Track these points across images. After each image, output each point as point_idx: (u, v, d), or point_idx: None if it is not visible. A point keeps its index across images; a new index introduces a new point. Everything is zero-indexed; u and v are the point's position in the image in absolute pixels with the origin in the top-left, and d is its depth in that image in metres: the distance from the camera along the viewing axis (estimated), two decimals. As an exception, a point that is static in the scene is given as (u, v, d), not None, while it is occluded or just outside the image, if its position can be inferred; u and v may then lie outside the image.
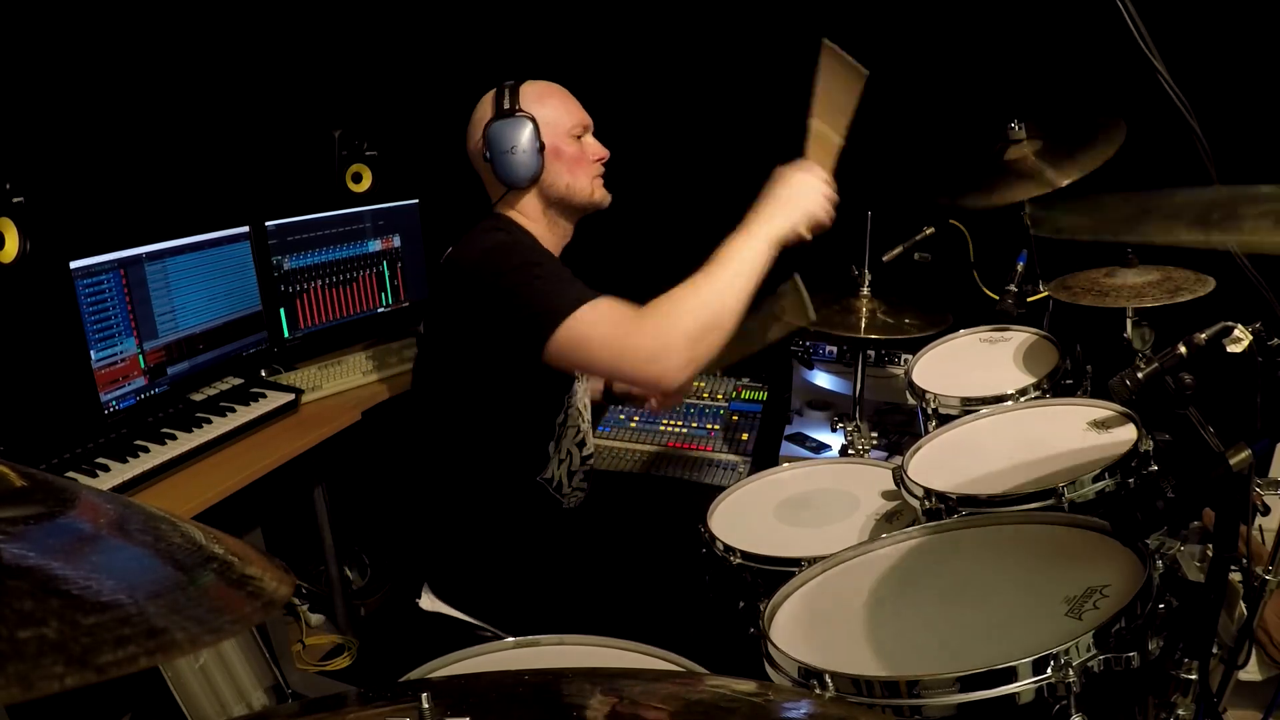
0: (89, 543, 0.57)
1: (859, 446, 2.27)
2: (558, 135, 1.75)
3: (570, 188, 1.77)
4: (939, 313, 2.35)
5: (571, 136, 1.77)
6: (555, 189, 1.77)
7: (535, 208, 1.79)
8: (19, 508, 0.55)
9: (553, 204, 1.79)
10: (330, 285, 2.72)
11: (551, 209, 1.80)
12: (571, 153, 1.76)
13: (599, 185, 1.81)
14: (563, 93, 1.80)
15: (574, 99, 1.81)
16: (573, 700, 0.78)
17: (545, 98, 1.76)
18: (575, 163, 1.77)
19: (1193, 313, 1.54)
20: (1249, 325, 1.18)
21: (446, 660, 1.20)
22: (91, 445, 1.96)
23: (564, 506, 1.86)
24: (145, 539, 0.60)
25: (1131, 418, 1.60)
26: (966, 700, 1.02)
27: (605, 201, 1.83)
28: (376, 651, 2.78)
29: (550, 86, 1.80)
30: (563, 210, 1.81)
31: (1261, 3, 2.09)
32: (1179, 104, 1.61)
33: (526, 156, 1.71)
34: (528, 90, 1.76)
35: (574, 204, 1.79)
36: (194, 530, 0.63)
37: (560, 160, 1.75)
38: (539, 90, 1.77)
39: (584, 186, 1.78)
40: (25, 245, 1.96)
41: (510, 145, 1.71)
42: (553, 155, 1.74)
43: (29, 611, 0.46)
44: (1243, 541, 1.27)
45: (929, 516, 1.51)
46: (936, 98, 2.57)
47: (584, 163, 1.78)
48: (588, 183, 1.79)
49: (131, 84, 2.41)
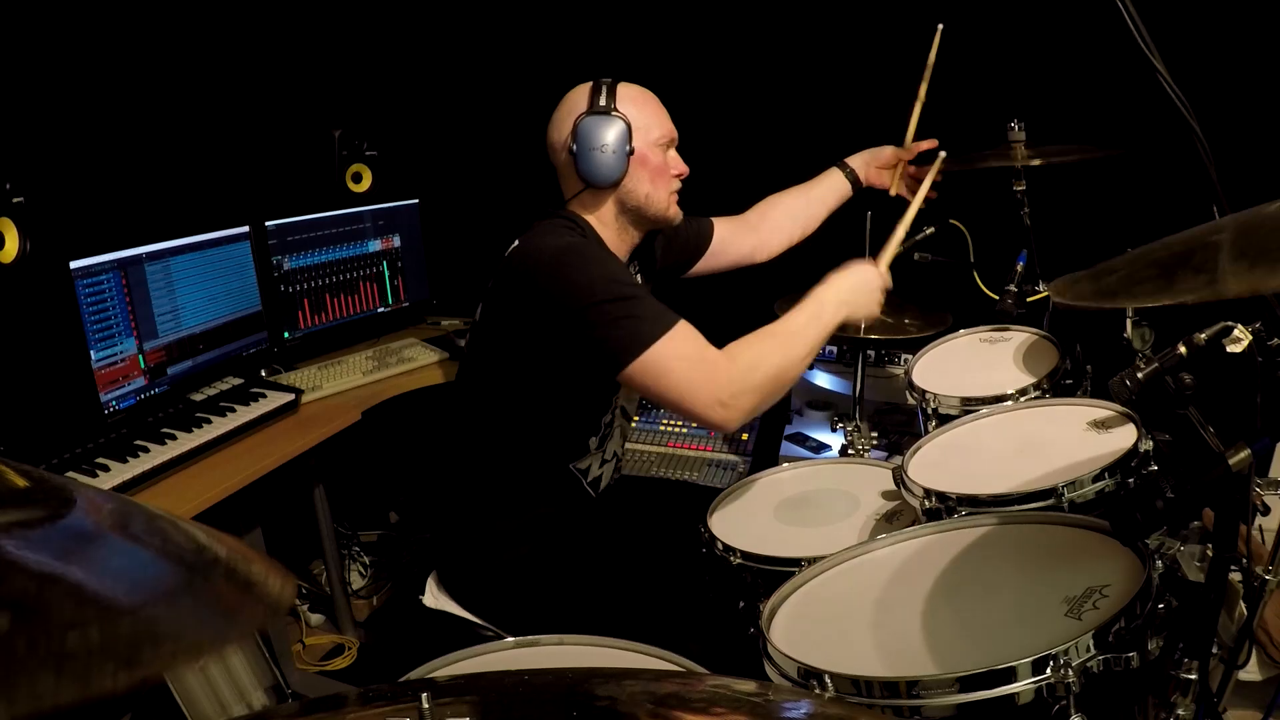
0: (98, 545, 0.57)
1: (859, 446, 2.27)
2: (647, 142, 1.71)
3: (649, 198, 1.74)
4: (939, 313, 2.35)
5: (659, 146, 1.73)
6: (634, 196, 1.73)
7: (610, 211, 1.76)
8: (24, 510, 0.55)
9: (627, 210, 1.75)
10: (330, 285, 2.72)
11: (625, 215, 1.76)
12: (657, 162, 1.73)
13: (674, 201, 1.78)
14: (656, 101, 1.77)
15: (665, 110, 1.78)
16: (573, 700, 0.78)
17: (641, 102, 1.73)
18: (658, 173, 1.74)
19: (1193, 313, 1.54)
20: (1249, 325, 1.17)
21: (447, 660, 1.20)
22: (91, 445, 1.96)
23: (592, 497, 1.85)
24: (152, 540, 0.61)
25: (1131, 418, 1.59)
26: (966, 700, 1.02)
27: (677, 218, 1.80)
28: (377, 651, 2.78)
29: (645, 92, 1.76)
30: (635, 219, 1.77)
31: (1262, 3, 2.09)
32: (1179, 104, 1.61)
33: (614, 158, 1.67)
34: (624, 91, 1.72)
35: (648, 215, 1.76)
36: (195, 530, 0.63)
37: (645, 168, 1.72)
38: (635, 93, 1.74)
39: (662, 199, 1.75)
40: (25, 245, 1.97)
41: (600, 143, 1.67)
42: (639, 162, 1.71)
43: (71, 617, 0.46)
44: (1243, 541, 1.27)
45: (929, 516, 1.51)
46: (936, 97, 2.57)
47: (666, 175, 1.75)
48: (665, 196, 1.76)
49: (131, 84, 2.41)
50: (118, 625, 0.47)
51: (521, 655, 1.23)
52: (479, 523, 1.80)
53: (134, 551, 0.59)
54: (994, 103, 2.28)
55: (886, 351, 2.65)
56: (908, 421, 2.59)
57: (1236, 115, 2.00)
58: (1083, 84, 2.34)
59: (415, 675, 1.15)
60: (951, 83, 2.29)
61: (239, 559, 0.61)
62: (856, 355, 2.50)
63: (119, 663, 0.44)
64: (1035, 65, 2.39)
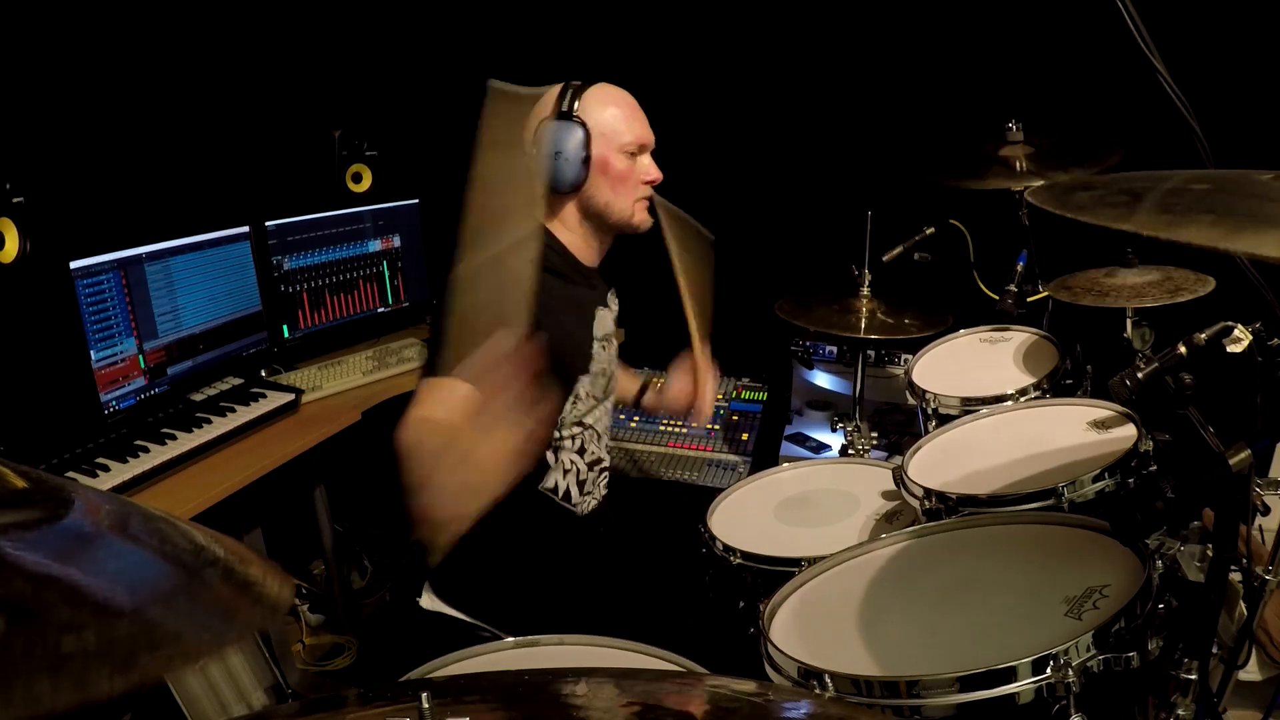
0: (97, 546, 0.57)
1: (859, 446, 2.27)
2: (609, 148, 1.67)
3: (609, 205, 1.70)
4: (939, 313, 2.35)
5: (624, 153, 1.68)
6: (594, 203, 1.70)
7: (573, 217, 1.73)
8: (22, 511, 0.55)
9: (590, 216, 1.73)
10: (330, 285, 2.72)
11: (588, 221, 1.74)
12: (620, 169, 1.68)
13: (641, 208, 1.73)
14: (629, 105, 1.71)
15: (641, 114, 1.72)
16: (573, 700, 0.78)
17: (608, 106, 1.68)
18: (620, 180, 1.69)
19: (1193, 313, 1.54)
20: (1249, 325, 1.17)
21: (446, 660, 1.20)
22: (91, 445, 1.96)
23: (578, 514, 1.82)
24: (150, 542, 0.60)
25: (1131, 418, 1.59)
26: (966, 700, 1.02)
27: (644, 225, 1.75)
28: (376, 651, 2.77)
29: (618, 96, 1.71)
30: (598, 225, 1.74)
31: (1262, 3, 2.09)
32: (1179, 104, 1.61)
33: (572, 164, 1.64)
34: (592, 94, 1.68)
35: (609, 222, 1.73)
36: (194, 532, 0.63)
37: (606, 175, 1.67)
38: (604, 97, 1.69)
39: (623, 207, 1.71)
40: (25, 245, 1.96)
41: (558, 149, 1.64)
42: (599, 168, 1.67)
43: (67, 620, 0.46)
44: (1243, 541, 1.27)
45: (929, 516, 1.51)
46: (936, 98, 2.57)
47: (629, 182, 1.70)
48: (628, 204, 1.71)
49: (131, 84, 2.41)
50: (115, 628, 0.47)
51: (521, 655, 1.23)
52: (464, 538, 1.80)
53: (132, 553, 0.59)
54: (994, 103, 2.28)
55: (886, 351, 2.65)
56: (908, 421, 2.59)
57: (1237, 115, 2.00)
58: (1082, 84, 2.34)
59: (415, 675, 1.15)
60: (951, 83, 2.30)
61: (237, 560, 0.61)
62: (856, 355, 2.50)
63: (116, 666, 0.44)
64: (1035, 65, 2.39)
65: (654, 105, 1.97)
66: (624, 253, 1.82)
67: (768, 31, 2.76)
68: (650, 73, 2.74)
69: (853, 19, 2.63)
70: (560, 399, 1.73)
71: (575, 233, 1.75)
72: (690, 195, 1.85)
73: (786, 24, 2.74)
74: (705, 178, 2.93)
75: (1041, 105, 2.22)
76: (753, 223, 2.87)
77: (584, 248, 1.77)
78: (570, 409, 1.75)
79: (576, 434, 1.78)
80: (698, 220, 1.92)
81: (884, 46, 2.61)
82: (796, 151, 2.83)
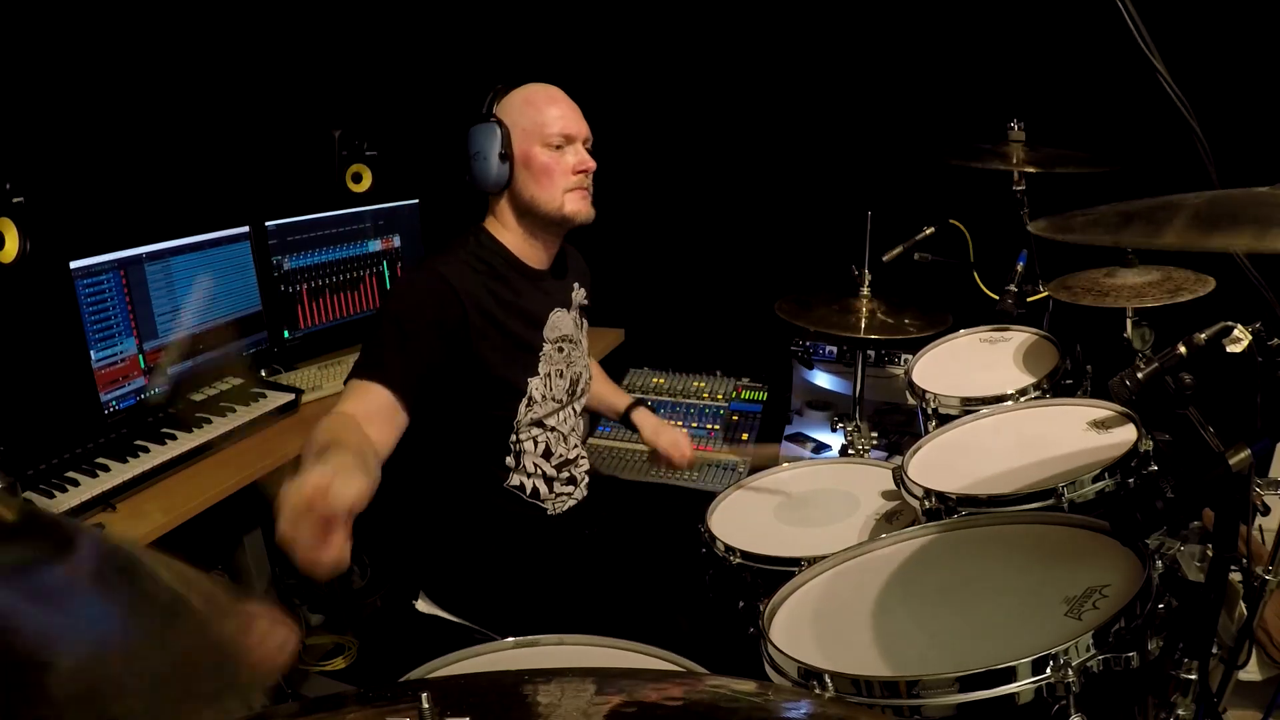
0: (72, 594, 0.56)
1: (859, 446, 2.27)
2: (530, 143, 1.68)
3: (535, 199, 1.70)
4: (939, 313, 2.35)
5: (547, 146, 1.68)
6: (522, 198, 1.71)
7: (510, 217, 1.75)
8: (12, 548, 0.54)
9: (524, 215, 1.74)
10: (330, 285, 2.72)
11: (524, 219, 1.75)
12: (542, 162, 1.68)
13: (574, 199, 1.72)
14: (551, 99, 1.72)
15: (568, 106, 1.72)
16: (572, 700, 0.78)
17: (528, 103, 1.70)
18: (544, 173, 1.69)
19: (1193, 313, 1.54)
20: (1249, 325, 1.17)
21: (446, 660, 1.20)
22: (91, 445, 1.96)
23: (549, 513, 1.83)
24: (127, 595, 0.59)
25: (1131, 418, 1.60)
26: (966, 700, 1.02)
27: (579, 215, 1.73)
28: (376, 651, 2.77)
29: (541, 92, 1.72)
30: (534, 222, 1.75)
31: (1262, 3, 2.09)
32: (1179, 104, 1.61)
33: (491, 163, 1.68)
34: (514, 95, 1.71)
35: (540, 215, 1.72)
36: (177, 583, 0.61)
37: (529, 169, 1.69)
38: (526, 95, 1.71)
39: (549, 199, 1.70)
40: (25, 245, 1.96)
41: (477, 150, 1.69)
42: (521, 164, 1.69)
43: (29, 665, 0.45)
44: (1243, 541, 1.27)
45: (929, 516, 1.51)
46: (936, 97, 2.58)
47: (554, 174, 1.69)
48: (556, 195, 1.70)
49: (131, 84, 2.41)
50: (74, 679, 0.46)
51: (521, 655, 1.23)
52: (449, 541, 1.81)
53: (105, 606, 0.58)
54: (994, 103, 2.28)
55: (886, 351, 2.65)
56: (908, 421, 2.59)
57: (1237, 116, 2.00)
58: (1083, 84, 2.34)
59: (414, 675, 1.15)
60: (951, 83, 2.30)
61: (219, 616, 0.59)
62: (856, 355, 2.50)
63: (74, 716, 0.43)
64: (1035, 66, 2.39)
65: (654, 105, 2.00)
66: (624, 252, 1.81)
67: (768, 32, 2.76)
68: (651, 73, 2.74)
69: (853, 19, 2.63)
70: (510, 400, 1.74)
71: (514, 232, 1.77)
72: (690, 195, 1.85)
73: (787, 24, 2.74)
74: (705, 178, 2.94)
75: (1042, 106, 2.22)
76: (753, 222, 2.87)
77: (527, 248, 1.78)
78: (525, 411, 1.76)
79: (537, 435, 1.79)
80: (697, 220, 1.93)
81: (884, 46, 2.62)
82: (797, 151, 2.83)
